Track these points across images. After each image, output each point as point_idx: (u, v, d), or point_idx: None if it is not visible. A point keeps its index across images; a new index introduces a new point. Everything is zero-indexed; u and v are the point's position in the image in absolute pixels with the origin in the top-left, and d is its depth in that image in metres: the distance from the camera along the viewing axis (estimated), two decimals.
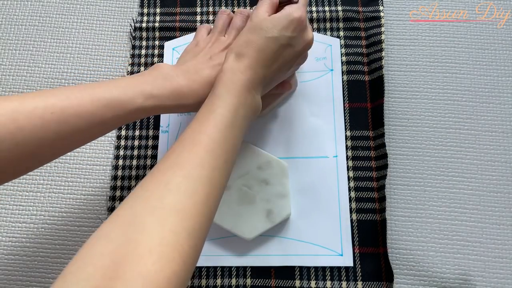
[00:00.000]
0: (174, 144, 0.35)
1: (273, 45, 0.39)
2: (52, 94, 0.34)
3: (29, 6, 0.59)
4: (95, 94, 0.35)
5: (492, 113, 0.52)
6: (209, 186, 0.32)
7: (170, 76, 0.40)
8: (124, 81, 0.38)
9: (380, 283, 0.46)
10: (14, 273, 0.48)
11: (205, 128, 0.35)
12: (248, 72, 0.39)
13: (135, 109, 0.37)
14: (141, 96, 0.37)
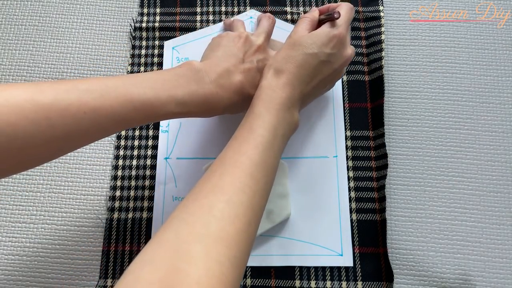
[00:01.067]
0: (215, 163, 0.35)
1: (312, 61, 0.40)
2: (87, 91, 0.33)
3: (29, 6, 0.59)
4: (128, 95, 0.35)
5: (492, 113, 0.52)
6: (250, 212, 0.32)
7: (203, 81, 0.39)
8: (159, 80, 0.37)
9: (380, 283, 0.46)
10: (14, 273, 0.48)
11: (245, 149, 0.35)
12: (287, 89, 0.39)
13: (164, 114, 0.37)
14: (173, 102, 0.37)
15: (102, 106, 0.34)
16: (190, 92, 0.38)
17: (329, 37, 0.40)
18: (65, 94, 0.32)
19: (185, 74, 0.39)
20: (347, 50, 0.42)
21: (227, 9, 0.57)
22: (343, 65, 0.43)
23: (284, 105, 0.38)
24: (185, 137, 0.52)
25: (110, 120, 0.34)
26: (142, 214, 0.49)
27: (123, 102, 0.35)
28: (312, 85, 0.41)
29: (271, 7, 0.57)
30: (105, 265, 0.48)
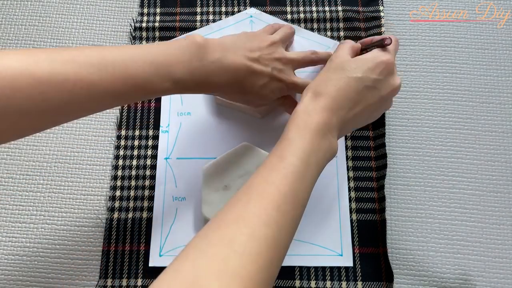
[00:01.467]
0: (242, 190, 0.33)
1: (356, 85, 0.37)
2: (85, 64, 0.32)
3: (29, 6, 0.59)
4: (127, 72, 0.34)
5: (492, 113, 0.52)
6: (273, 249, 0.30)
7: (206, 58, 0.38)
8: (160, 55, 0.36)
9: (380, 283, 0.46)
10: (14, 273, 0.48)
11: (274, 179, 0.33)
12: (324, 114, 0.36)
13: (162, 91, 0.37)
14: (172, 80, 0.36)
15: (100, 82, 0.33)
16: (191, 70, 0.37)
17: (376, 63, 0.38)
18: (61, 67, 0.31)
19: (189, 49, 0.38)
20: (395, 79, 0.39)
21: (227, 9, 0.57)
22: (390, 94, 0.39)
23: (320, 131, 0.35)
24: (185, 137, 0.52)
25: (107, 95, 0.34)
26: (142, 214, 0.49)
27: (121, 79, 0.34)
28: (355, 112, 0.38)
29: (271, 7, 0.57)
30: (105, 265, 0.48)
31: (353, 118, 0.38)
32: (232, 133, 0.52)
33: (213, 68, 0.39)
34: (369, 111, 0.39)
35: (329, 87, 0.37)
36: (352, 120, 0.38)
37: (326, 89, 0.37)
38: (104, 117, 0.53)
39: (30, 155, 0.52)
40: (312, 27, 0.56)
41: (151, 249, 0.48)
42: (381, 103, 0.40)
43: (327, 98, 0.37)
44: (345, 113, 0.37)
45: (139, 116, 0.53)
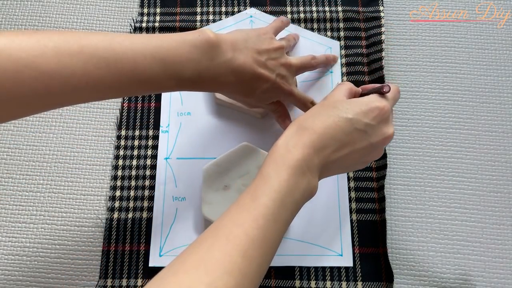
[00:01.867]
0: (209, 229, 0.31)
1: (345, 126, 0.34)
2: (93, 57, 0.31)
3: (29, 6, 0.59)
4: (136, 69, 0.33)
5: (492, 113, 0.52)
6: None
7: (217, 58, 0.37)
8: (171, 50, 0.35)
9: (380, 283, 0.46)
10: (14, 273, 0.48)
11: (243, 221, 0.30)
12: (306, 151, 0.33)
13: (165, 88, 0.36)
14: (178, 79, 0.36)
15: (106, 77, 0.32)
16: (200, 69, 0.37)
17: (370, 107, 0.35)
18: (69, 61, 0.30)
19: (201, 47, 0.37)
20: (388, 128, 0.36)
21: (227, 9, 0.57)
22: (381, 142, 0.36)
23: (299, 168, 0.32)
24: (185, 137, 0.52)
25: (111, 90, 0.33)
26: (142, 214, 0.49)
27: (128, 75, 0.33)
28: (340, 154, 0.35)
29: (271, 7, 0.57)
30: (105, 265, 0.47)
31: (338, 161, 0.35)
32: (232, 133, 0.52)
33: (223, 68, 0.38)
34: (356, 157, 0.36)
35: (316, 122, 0.35)
36: (337, 163, 0.35)
37: (313, 124, 0.34)
38: (104, 117, 0.53)
39: (30, 155, 0.52)
40: (312, 27, 0.56)
41: (151, 249, 0.48)
42: (370, 150, 0.36)
43: (312, 134, 0.34)
44: (329, 153, 0.34)
45: (139, 116, 0.53)
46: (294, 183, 0.32)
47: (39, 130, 0.53)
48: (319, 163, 0.34)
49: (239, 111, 0.52)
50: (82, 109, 0.54)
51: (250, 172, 0.47)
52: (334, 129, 0.34)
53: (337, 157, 0.35)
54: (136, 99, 0.54)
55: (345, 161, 0.36)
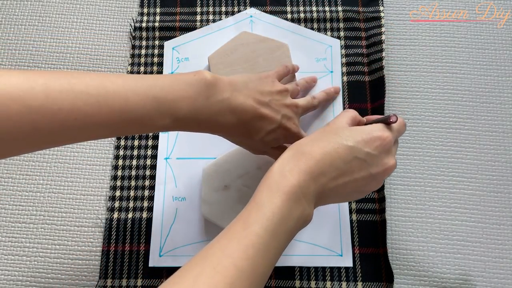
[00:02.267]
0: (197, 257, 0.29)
1: (345, 153, 0.33)
2: (83, 94, 0.30)
3: (29, 6, 0.59)
4: (127, 106, 0.32)
5: (492, 113, 0.52)
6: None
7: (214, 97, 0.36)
8: (165, 89, 0.34)
9: (380, 284, 0.46)
10: (14, 273, 0.48)
11: (233, 250, 0.28)
12: (302, 177, 0.32)
13: (159, 127, 0.34)
14: (172, 117, 0.34)
15: (96, 114, 0.31)
16: (195, 108, 0.35)
17: (373, 136, 0.34)
18: (57, 96, 0.30)
19: (197, 85, 0.36)
20: (389, 159, 0.35)
21: (227, 9, 0.57)
22: (381, 174, 0.35)
23: (294, 195, 0.31)
24: (185, 137, 0.52)
25: (100, 128, 0.32)
26: (142, 214, 0.49)
27: (118, 112, 0.32)
28: (338, 183, 0.33)
29: (271, 7, 0.57)
30: (105, 265, 0.47)
31: (335, 190, 0.34)
32: None
33: (220, 107, 0.36)
34: (355, 186, 0.35)
35: (315, 148, 0.33)
36: (334, 192, 0.34)
37: (312, 149, 0.33)
38: None
39: (30, 155, 0.52)
40: (312, 27, 0.56)
41: (151, 249, 0.48)
42: (370, 180, 0.35)
43: (310, 160, 0.33)
44: (327, 181, 0.33)
45: None
46: (288, 211, 0.31)
47: None
48: (316, 190, 0.33)
49: None
50: None
51: (250, 172, 0.47)
52: (333, 155, 0.33)
53: (334, 185, 0.34)
54: None
55: (343, 190, 0.34)
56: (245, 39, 0.52)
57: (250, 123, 0.39)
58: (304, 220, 0.33)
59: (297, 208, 0.31)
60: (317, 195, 0.33)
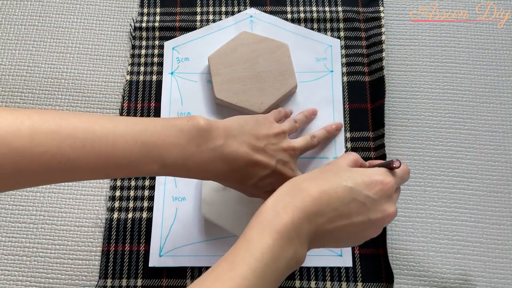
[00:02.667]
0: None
1: (343, 195, 0.32)
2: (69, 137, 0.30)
3: (29, 6, 0.59)
4: (115, 151, 0.31)
5: (492, 113, 0.52)
6: None
7: (205, 144, 0.35)
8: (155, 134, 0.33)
9: (380, 284, 0.46)
10: (14, 273, 0.48)
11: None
12: (296, 214, 0.30)
13: (146, 172, 0.33)
14: (161, 164, 0.33)
15: (81, 158, 0.30)
16: (186, 156, 0.34)
17: (374, 179, 0.33)
18: (43, 139, 0.29)
19: (189, 132, 0.35)
20: (390, 205, 0.33)
21: (227, 9, 0.57)
22: (380, 220, 0.33)
23: (286, 234, 0.29)
24: None
25: (86, 172, 0.31)
26: (142, 214, 0.49)
27: (105, 158, 0.31)
28: (335, 225, 0.32)
29: (271, 7, 0.57)
30: (105, 265, 0.47)
31: (331, 232, 0.32)
32: None
33: (211, 156, 0.35)
34: (352, 231, 0.33)
35: (313, 185, 0.32)
36: (329, 234, 0.32)
37: (309, 186, 0.32)
38: None
39: None
40: (312, 27, 0.56)
41: (151, 249, 0.48)
42: (368, 226, 0.33)
43: (306, 197, 0.31)
44: (323, 222, 0.31)
45: (139, 116, 0.53)
46: (279, 251, 0.29)
47: None
48: (310, 231, 0.31)
49: (239, 111, 0.52)
50: (82, 109, 0.54)
51: None
52: (331, 196, 0.31)
53: (330, 228, 0.32)
54: (136, 99, 0.54)
55: (339, 234, 0.33)
56: (245, 39, 0.52)
57: (243, 170, 0.37)
58: (296, 261, 0.30)
59: (289, 248, 0.29)
60: (311, 236, 0.31)
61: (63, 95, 0.55)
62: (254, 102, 0.50)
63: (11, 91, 0.55)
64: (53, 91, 0.55)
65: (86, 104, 0.54)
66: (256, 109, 0.50)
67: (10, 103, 0.54)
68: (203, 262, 0.47)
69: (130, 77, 0.54)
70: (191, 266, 0.47)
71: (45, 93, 0.55)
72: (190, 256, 0.47)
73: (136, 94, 0.54)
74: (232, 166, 0.37)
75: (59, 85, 0.55)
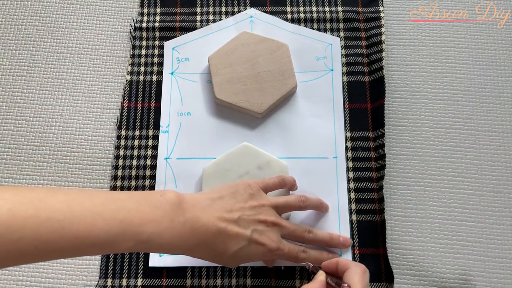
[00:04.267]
0: None
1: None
2: (48, 220, 0.30)
3: (29, 6, 0.59)
4: (93, 233, 0.32)
5: (492, 113, 0.52)
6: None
7: (178, 219, 0.36)
8: (132, 212, 0.34)
9: (380, 284, 0.46)
10: (14, 273, 0.48)
11: None
12: None
13: (120, 250, 0.34)
14: (136, 240, 0.34)
15: (58, 241, 0.30)
16: (160, 230, 0.34)
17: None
18: (21, 224, 0.29)
19: (162, 207, 0.35)
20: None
21: (227, 9, 0.57)
22: None
23: None
24: (185, 137, 0.52)
25: (59, 254, 0.32)
26: None
27: (83, 239, 0.31)
28: None
29: (271, 7, 0.57)
30: (105, 265, 0.48)
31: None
32: (232, 133, 0.52)
33: (182, 229, 0.36)
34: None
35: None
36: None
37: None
38: (104, 117, 0.53)
39: (30, 155, 0.52)
40: (312, 27, 0.56)
41: None
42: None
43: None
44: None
45: (139, 116, 0.53)
46: None
47: (39, 130, 0.53)
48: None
49: (239, 111, 0.52)
50: (82, 109, 0.54)
51: (250, 172, 0.47)
52: None
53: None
54: (136, 99, 0.54)
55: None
56: (245, 39, 0.52)
57: (213, 243, 0.37)
58: None
59: None
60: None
61: (63, 95, 0.55)
62: (254, 102, 0.50)
63: (11, 91, 0.55)
64: (53, 91, 0.55)
65: (86, 104, 0.54)
66: (256, 109, 0.50)
67: (10, 103, 0.54)
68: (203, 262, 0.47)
69: (130, 77, 0.54)
70: (191, 266, 0.47)
71: (45, 93, 0.55)
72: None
73: (136, 94, 0.54)
74: (202, 239, 0.37)
75: (59, 85, 0.55)
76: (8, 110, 0.54)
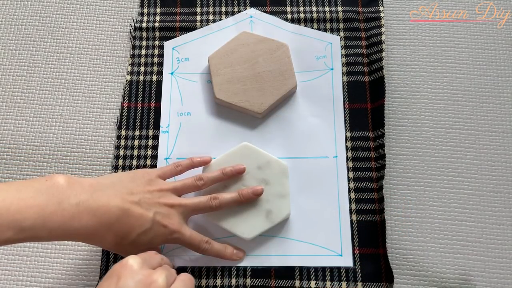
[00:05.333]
0: None
1: None
2: None
3: (29, 6, 0.59)
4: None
5: (492, 113, 0.52)
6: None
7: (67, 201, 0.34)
8: (8, 199, 0.33)
9: (380, 284, 0.46)
10: (14, 273, 0.48)
11: None
12: None
13: (4, 241, 0.32)
14: (16, 229, 0.32)
15: None
16: (45, 215, 0.33)
17: None
18: None
19: (47, 191, 0.34)
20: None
21: (227, 9, 0.57)
22: None
23: None
24: (185, 137, 0.52)
25: None
26: None
27: None
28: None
29: (271, 7, 0.57)
30: (105, 265, 0.47)
31: None
32: (232, 133, 0.52)
33: (75, 211, 0.35)
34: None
35: None
36: None
37: None
38: (104, 117, 0.53)
39: (30, 155, 0.52)
40: (312, 27, 0.56)
41: None
42: None
43: None
44: None
45: (139, 116, 0.53)
46: None
47: (39, 130, 0.53)
48: None
49: (239, 111, 0.52)
50: (82, 109, 0.54)
51: (249, 172, 0.47)
52: None
53: None
54: (136, 99, 0.54)
55: None
56: (245, 39, 0.52)
57: (116, 224, 0.37)
58: None
59: None
60: None
61: (63, 95, 0.55)
62: (254, 102, 0.50)
63: (11, 91, 0.55)
64: (53, 91, 0.55)
65: (86, 104, 0.54)
66: (256, 109, 0.50)
67: (10, 103, 0.54)
68: (203, 262, 0.47)
69: (130, 77, 0.54)
70: (191, 266, 0.47)
71: (45, 93, 0.55)
72: (190, 256, 0.47)
73: (136, 94, 0.54)
74: (102, 220, 0.36)
75: (59, 85, 0.55)
76: (8, 110, 0.54)
